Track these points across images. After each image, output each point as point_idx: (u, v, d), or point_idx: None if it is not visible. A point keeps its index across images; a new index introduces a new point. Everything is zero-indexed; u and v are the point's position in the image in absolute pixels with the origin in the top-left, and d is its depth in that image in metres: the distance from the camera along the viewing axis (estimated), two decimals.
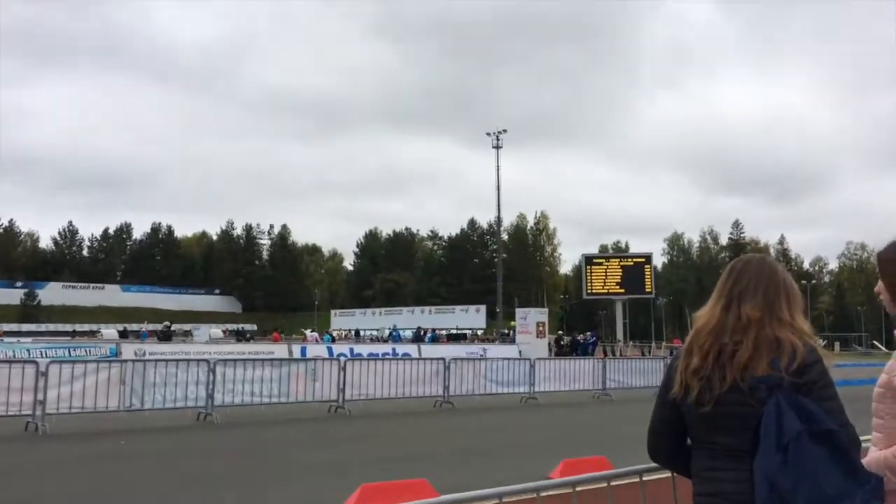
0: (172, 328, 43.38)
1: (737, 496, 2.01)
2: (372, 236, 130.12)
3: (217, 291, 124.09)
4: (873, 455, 2.15)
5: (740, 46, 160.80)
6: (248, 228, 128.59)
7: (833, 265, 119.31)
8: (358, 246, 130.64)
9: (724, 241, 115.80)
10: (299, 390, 14.67)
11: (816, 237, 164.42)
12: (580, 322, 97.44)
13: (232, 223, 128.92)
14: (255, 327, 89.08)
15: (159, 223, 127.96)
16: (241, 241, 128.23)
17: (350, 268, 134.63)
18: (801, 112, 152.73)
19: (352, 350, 28.27)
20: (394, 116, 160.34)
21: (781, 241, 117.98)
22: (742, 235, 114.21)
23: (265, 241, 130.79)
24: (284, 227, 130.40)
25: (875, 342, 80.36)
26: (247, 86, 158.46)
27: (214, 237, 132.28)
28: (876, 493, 1.90)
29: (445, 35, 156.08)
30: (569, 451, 9.24)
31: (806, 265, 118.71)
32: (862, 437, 2.05)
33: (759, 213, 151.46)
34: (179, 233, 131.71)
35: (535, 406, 17.22)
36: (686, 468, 2.24)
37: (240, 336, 58.97)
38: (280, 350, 26.82)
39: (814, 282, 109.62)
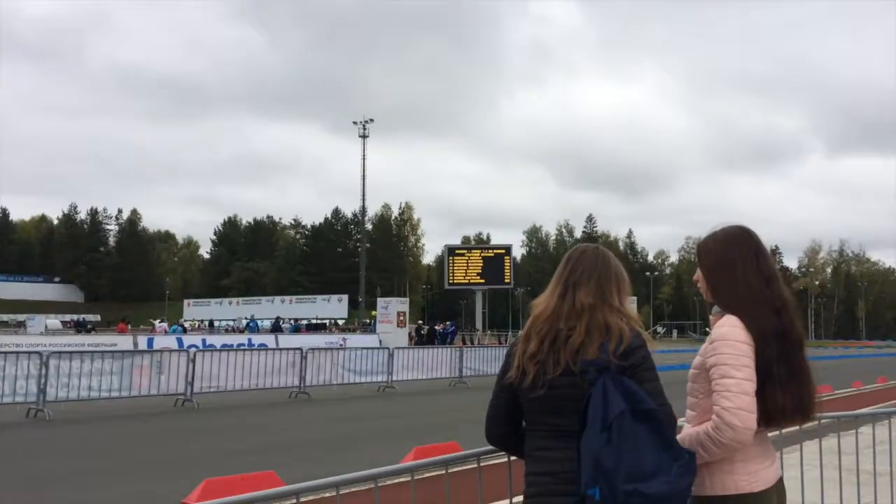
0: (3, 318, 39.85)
1: (564, 474, 2.06)
2: (231, 224, 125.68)
3: (57, 280, 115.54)
4: (687, 431, 2.27)
5: (598, 49, 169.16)
6: (94, 213, 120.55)
7: (674, 258, 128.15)
8: (216, 233, 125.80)
9: (578, 234, 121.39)
10: (143, 384, 13.91)
11: (660, 232, 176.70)
12: (442, 312, 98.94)
13: (75, 207, 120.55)
14: (98, 318, 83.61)
15: None
16: (85, 226, 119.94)
17: (207, 256, 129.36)
18: (651, 113, 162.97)
19: (204, 341, 27.06)
20: (257, 102, 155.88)
21: (629, 235, 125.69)
22: (595, 229, 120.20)
23: (112, 227, 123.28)
24: (134, 212, 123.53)
25: (708, 329, 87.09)
26: (94, 62, 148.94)
27: (55, 221, 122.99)
28: (689, 468, 2.00)
29: (313, 22, 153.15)
30: (423, 438, 9.32)
31: (650, 258, 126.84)
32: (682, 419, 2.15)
33: (612, 208, 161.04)
34: (16, 216, 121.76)
35: (392, 395, 17.28)
36: (521, 450, 2.28)
37: (80, 327, 55.08)
38: (124, 342, 25.23)
39: (656, 273, 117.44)
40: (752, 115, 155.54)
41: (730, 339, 2.19)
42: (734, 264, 2.32)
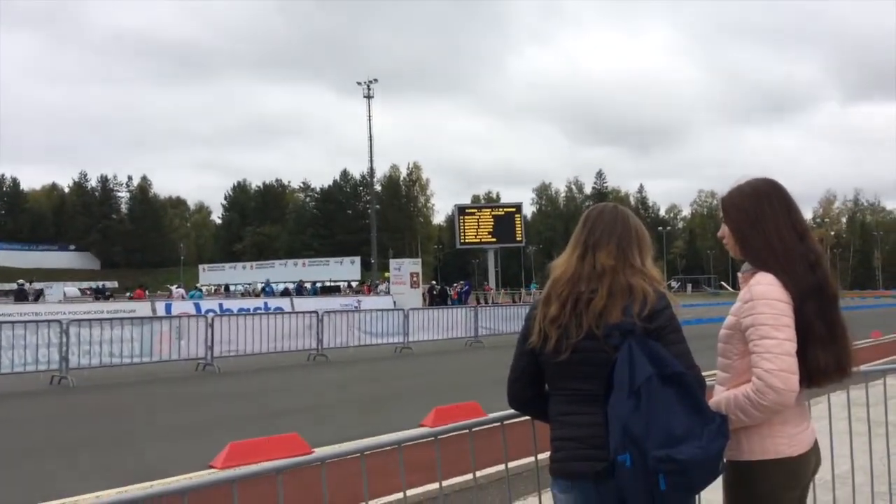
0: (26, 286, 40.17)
1: (592, 440, 2.05)
2: (241, 188, 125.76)
3: (72, 248, 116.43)
4: (722, 395, 2.21)
5: (606, 3, 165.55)
6: (104, 180, 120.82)
7: (686, 212, 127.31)
8: (226, 198, 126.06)
9: (588, 190, 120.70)
10: (163, 349, 14.09)
11: (671, 186, 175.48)
12: (454, 271, 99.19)
13: (85, 174, 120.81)
14: (116, 284, 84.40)
15: (2, 175, 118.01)
16: (97, 193, 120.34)
17: (218, 221, 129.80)
18: (660, 67, 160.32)
19: (221, 306, 27.38)
20: (261, 64, 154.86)
21: (640, 191, 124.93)
22: (605, 185, 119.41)
23: (123, 194, 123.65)
24: (144, 178, 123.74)
25: (722, 283, 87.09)
26: (96, 28, 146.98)
27: (66, 190, 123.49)
28: (720, 432, 1.97)
29: None
30: (442, 398, 9.41)
31: (662, 212, 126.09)
32: (706, 373, 2.12)
33: (622, 164, 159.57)
34: (26, 185, 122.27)
35: (409, 355, 17.43)
36: (545, 414, 2.27)
37: (99, 294, 55.58)
38: (143, 308, 25.56)
39: (668, 228, 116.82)
40: (762, 67, 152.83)
41: (768, 297, 2.11)
42: (765, 219, 2.22)
